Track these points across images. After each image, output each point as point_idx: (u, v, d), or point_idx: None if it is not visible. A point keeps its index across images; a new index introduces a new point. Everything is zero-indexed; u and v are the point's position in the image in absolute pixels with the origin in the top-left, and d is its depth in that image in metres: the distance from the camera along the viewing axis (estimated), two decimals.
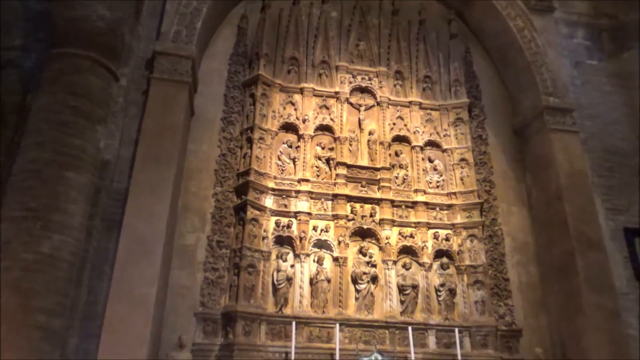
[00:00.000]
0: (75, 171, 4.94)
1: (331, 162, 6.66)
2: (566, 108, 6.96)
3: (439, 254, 6.49)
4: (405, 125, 7.07)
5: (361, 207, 6.51)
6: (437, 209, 6.68)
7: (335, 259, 6.18)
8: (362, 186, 6.59)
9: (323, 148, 6.73)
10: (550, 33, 7.49)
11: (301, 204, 6.33)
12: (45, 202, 4.74)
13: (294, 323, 5.57)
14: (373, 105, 7.11)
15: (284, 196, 6.36)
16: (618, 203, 6.85)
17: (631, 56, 7.92)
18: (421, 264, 6.37)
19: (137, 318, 4.74)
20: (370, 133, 6.92)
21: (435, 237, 6.54)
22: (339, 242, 6.23)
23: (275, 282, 5.95)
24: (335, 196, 6.43)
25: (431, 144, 7.08)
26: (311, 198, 6.40)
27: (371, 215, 6.48)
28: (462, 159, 6.93)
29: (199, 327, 5.61)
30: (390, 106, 7.11)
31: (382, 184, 6.62)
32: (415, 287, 6.22)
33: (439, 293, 6.30)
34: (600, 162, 7.06)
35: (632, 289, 6.33)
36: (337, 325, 5.68)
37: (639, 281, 6.34)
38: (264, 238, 6.08)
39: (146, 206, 5.20)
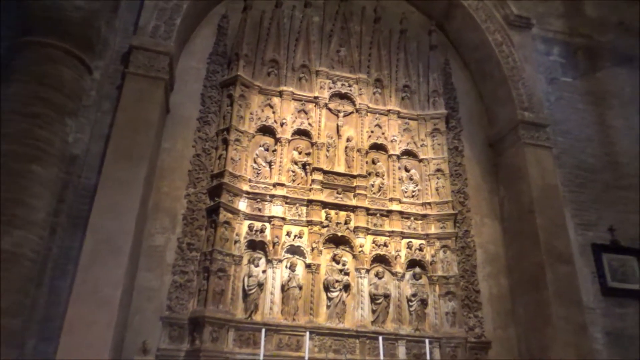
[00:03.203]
0: (42, 165, 4.76)
1: (307, 167, 6.58)
2: (540, 123, 7.07)
3: (411, 263, 6.46)
4: (383, 133, 7.05)
5: (336, 214, 6.45)
6: (412, 218, 6.67)
7: (308, 266, 6.09)
8: (337, 193, 6.54)
9: (300, 153, 6.65)
10: (528, 49, 7.62)
11: (275, 209, 6.23)
12: (8, 196, 4.55)
13: (263, 330, 5.42)
14: (352, 112, 7.08)
15: (259, 200, 6.25)
16: (587, 219, 6.97)
17: (604, 76, 8.14)
18: (394, 274, 6.34)
19: (100, 320, 4.54)
20: (348, 140, 6.88)
21: (409, 246, 6.52)
22: (313, 249, 6.15)
23: (246, 288, 5.81)
24: (310, 202, 6.36)
25: (408, 153, 7.08)
26: (286, 203, 6.31)
27: (346, 223, 6.42)
28: (438, 170, 6.95)
29: (165, 331, 5.42)
30: (369, 114, 7.09)
31: (357, 191, 6.57)
32: (387, 296, 6.18)
33: (410, 303, 6.26)
34: (571, 178, 7.19)
35: (598, 304, 6.43)
36: (308, 333, 5.56)
37: (606, 296, 6.44)
38: (236, 242, 5.94)
39: (115, 204, 5.02)
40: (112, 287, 4.70)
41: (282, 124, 6.65)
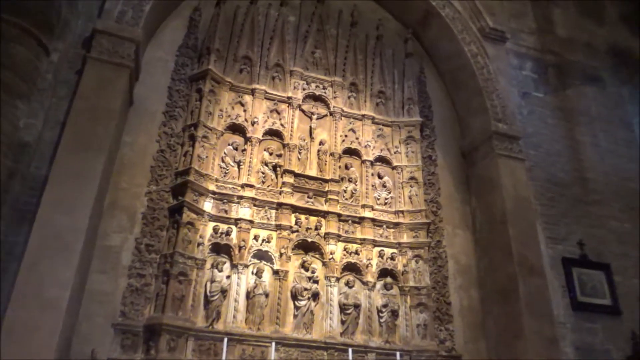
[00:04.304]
0: None
1: (278, 169, 6.27)
2: (514, 135, 7.03)
3: (383, 273, 6.22)
4: (357, 138, 6.85)
5: (306, 218, 6.16)
6: (384, 226, 6.45)
7: (276, 272, 5.75)
8: (308, 197, 6.26)
9: (271, 154, 6.35)
10: (502, 62, 7.63)
11: (243, 211, 5.89)
12: None
13: (225, 340, 5.07)
14: (325, 115, 6.84)
15: (225, 201, 5.88)
16: (557, 232, 6.95)
17: (573, 93, 8.27)
18: (365, 283, 6.08)
19: (44, 325, 4.07)
20: (320, 143, 6.62)
21: (381, 255, 6.28)
22: (281, 254, 5.82)
23: (208, 294, 5.41)
24: (280, 205, 6.04)
25: (381, 159, 6.88)
26: (254, 205, 5.97)
27: (316, 228, 6.14)
28: (412, 178, 6.78)
29: (117, 339, 4.94)
30: (343, 117, 6.87)
31: (329, 196, 6.31)
32: (357, 306, 5.89)
33: (381, 314, 6.01)
34: (542, 191, 7.18)
35: (569, 318, 6.36)
36: (273, 343, 5.24)
37: (576, 311, 6.38)
38: (199, 244, 5.55)
39: (67, 197, 4.56)
40: (59, 288, 4.23)
41: (253, 123, 6.34)
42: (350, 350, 5.39)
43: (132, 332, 5.02)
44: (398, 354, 5.55)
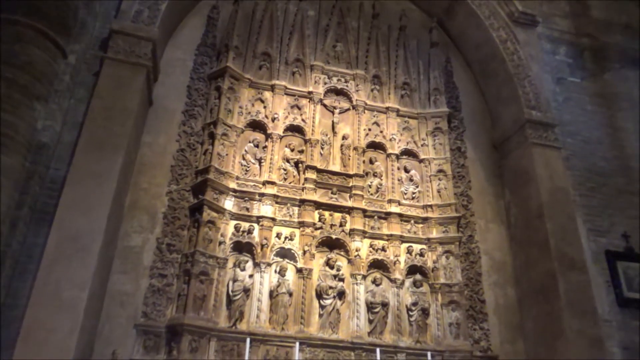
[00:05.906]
0: (3, 152, 4.26)
1: (300, 165, 6.12)
2: (548, 123, 6.65)
3: (412, 270, 5.98)
4: (382, 131, 6.62)
5: (330, 215, 5.98)
6: (412, 221, 6.20)
7: (299, 270, 5.59)
8: (332, 193, 6.07)
9: (292, 150, 6.21)
10: (533, 47, 7.25)
11: (265, 208, 5.76)
12: None
13: (248, 340, 4.93)
14: (348, 109, 6.65)
15: (247, 199, 5.77)
16: (599, 224, 6.52)
17: (612, 77, 7.79)
18: (392, 280, 5.84)
19: (62, 325, 4.03)
20: (343, 137, 6.44)
21: (409, 251, 6.04)
22: (304, 252, 5.66)
23: (231, 293, 5.30)
24: (302, 202, 5.89)
25: (408, 153, 6.64)
26: (276, 202, 5.84)
27: (341, 225, 5.95)
28: (440, 170, 6.51)
29: (139, 340, 4.89)
30: (366, 111, 6.67)
31: (354, 191, 6.11)
32: (385, 305, 5.67)
33: (410, 313, 5.75)
34: (581, 181, 6.76)
35: (614, 316, 5.95)
36: (298, 344, 5.06)
37: (622, 308, 5.95)
38: (220, 243, 5.45)
39: (85, 198, 4.53)
40: (77, 289, 4.19)
41: (273, 119, 6.21)
42: (378, 350, 5.16)
43: (154, 332, 4.97)
44: (429, 354, 5.27)
